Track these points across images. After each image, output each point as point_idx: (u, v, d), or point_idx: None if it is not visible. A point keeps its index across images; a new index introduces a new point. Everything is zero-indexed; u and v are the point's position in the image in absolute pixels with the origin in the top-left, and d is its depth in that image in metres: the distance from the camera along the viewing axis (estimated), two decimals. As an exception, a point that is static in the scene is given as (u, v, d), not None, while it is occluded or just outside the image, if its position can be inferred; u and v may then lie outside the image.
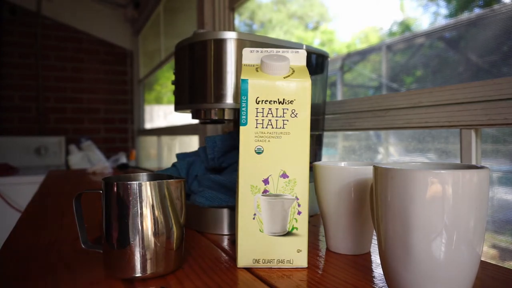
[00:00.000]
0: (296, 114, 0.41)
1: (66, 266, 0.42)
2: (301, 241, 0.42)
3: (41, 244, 0.50)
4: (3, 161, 2.22)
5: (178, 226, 0.40)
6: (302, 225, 0.42)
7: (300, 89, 0.41)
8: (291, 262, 0.42)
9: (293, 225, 0.42)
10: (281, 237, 0.42)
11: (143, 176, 0.45)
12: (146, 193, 0.38)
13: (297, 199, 0.42)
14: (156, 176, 0.45)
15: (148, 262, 0.38)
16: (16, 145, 2.44)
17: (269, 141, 0.41)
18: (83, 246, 0.42)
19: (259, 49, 0.46)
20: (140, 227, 0.38)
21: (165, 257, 0.39)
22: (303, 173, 0.41)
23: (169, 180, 0.40)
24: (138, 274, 0.38)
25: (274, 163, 0.41)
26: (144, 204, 0.38)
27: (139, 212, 0.38)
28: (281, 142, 0.41)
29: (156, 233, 0.38)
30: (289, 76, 0.41)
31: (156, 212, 0.38)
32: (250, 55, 0.45)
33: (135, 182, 0.38)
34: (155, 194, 0.38)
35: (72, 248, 0.49)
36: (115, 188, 0.38)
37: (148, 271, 0.38)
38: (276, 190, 0.42)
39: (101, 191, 0.40)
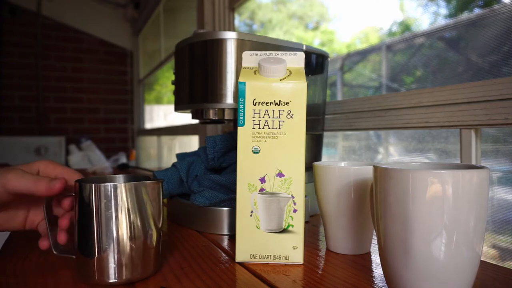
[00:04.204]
0: (292, 115, 0.42)
1: (67, 266, 0.42)
2: (296, 238, 0.43)
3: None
4: (3, 161, 2.22)
5: (155, 230, 0.39)
6: (297, 222, 0.43)
7: (295, 91, 0.42)
8: (287, 258, 0.43)
9: (288, 223, 0.43)
10: (277, 234, 0.43)
11: (119, 177, 0.43)
12: (120, 195, 0.36)
13: (293, 197, 0.42)
14: (133, 177, 0.43)
15: (123, 267, 0.36)
16: (16, 145, 2.44)
17: (265, 141, 0.42)
18: (54, 252, 0.39)
19: (258, 52, 0.47)
20: (114, 231, 0.36)
21: (141, 261, 0.37)
22: (299, 172, 0.42)
23: (145, 182, 0.38)
24: (113, 280, 0.36)
25: (271, 162, 0.42)
26: (118, 206, 0.36)
27: (113, 215, 0.36)
28: (277, 142, 0.42)
29: (131, 237, 0.36)
30: (285, 78, 0.43)
31: (131, 215, 0.37)
32: (250, 58, 0.47)
33: (108, 184, 0.36)
34: (130, 196, 0.37)
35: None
36: (89, 190, 0.36)
37: (124, 277, 0.36)
38: (272, 188, 0.43)
39: (73, 194, 0.38)
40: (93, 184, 0.36)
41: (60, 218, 0.42)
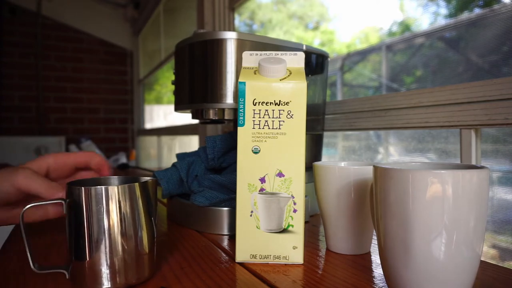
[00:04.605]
0: (292, 115, 0.42)
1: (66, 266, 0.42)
2: (296, 238, 0.43)
3: (41, 245, 0.50)
4: (3, 161, 2.22)
5: (150, 232, 0.38)
6: (297, 222, 0.43)
7: (296, 91, 0.42)
8: (287, 258, 0.43)
9: (288, 223, 0.43)
10: (277, 234, 0.43)
11: (113, 179, 0.42)
12: (112, 197, 0.35)
13: (293, 197, 0.43)
14: (127, 179, 0.42)
15: (117, 272, 0.35)
16: (16, 145, 2.44)
17: (265, 141, 0.42)
18: (35, 270, 0.36)
19: (258, 52, 0.47)
20: (106, 235, 0.35)
21: (136, 265, 0.36)
22: (299, 172, 0.42)
23: (138, 182, 0.37)
24: (106, 286, 0.35)
25: (271, 162, 0.42)
26: (110, 209, 0.35)
27: (104, 219, 0.35)
28: (277, 142, 0.42)
29: (124, 241, 0.35)
30: (285, 78, 0.43)
31: (124, 218, 0.36)
32: (250, 58, 0.47)
33: (100, 186, 0.35)
34: (123, 198, 0.35)
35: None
36: (79, 194, 0.35)
37: (118, 282, 0.35)
38: (272, 188, 0.43)
39: (60, 201, 0.36)
40: (82, 188, 0.35)
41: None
